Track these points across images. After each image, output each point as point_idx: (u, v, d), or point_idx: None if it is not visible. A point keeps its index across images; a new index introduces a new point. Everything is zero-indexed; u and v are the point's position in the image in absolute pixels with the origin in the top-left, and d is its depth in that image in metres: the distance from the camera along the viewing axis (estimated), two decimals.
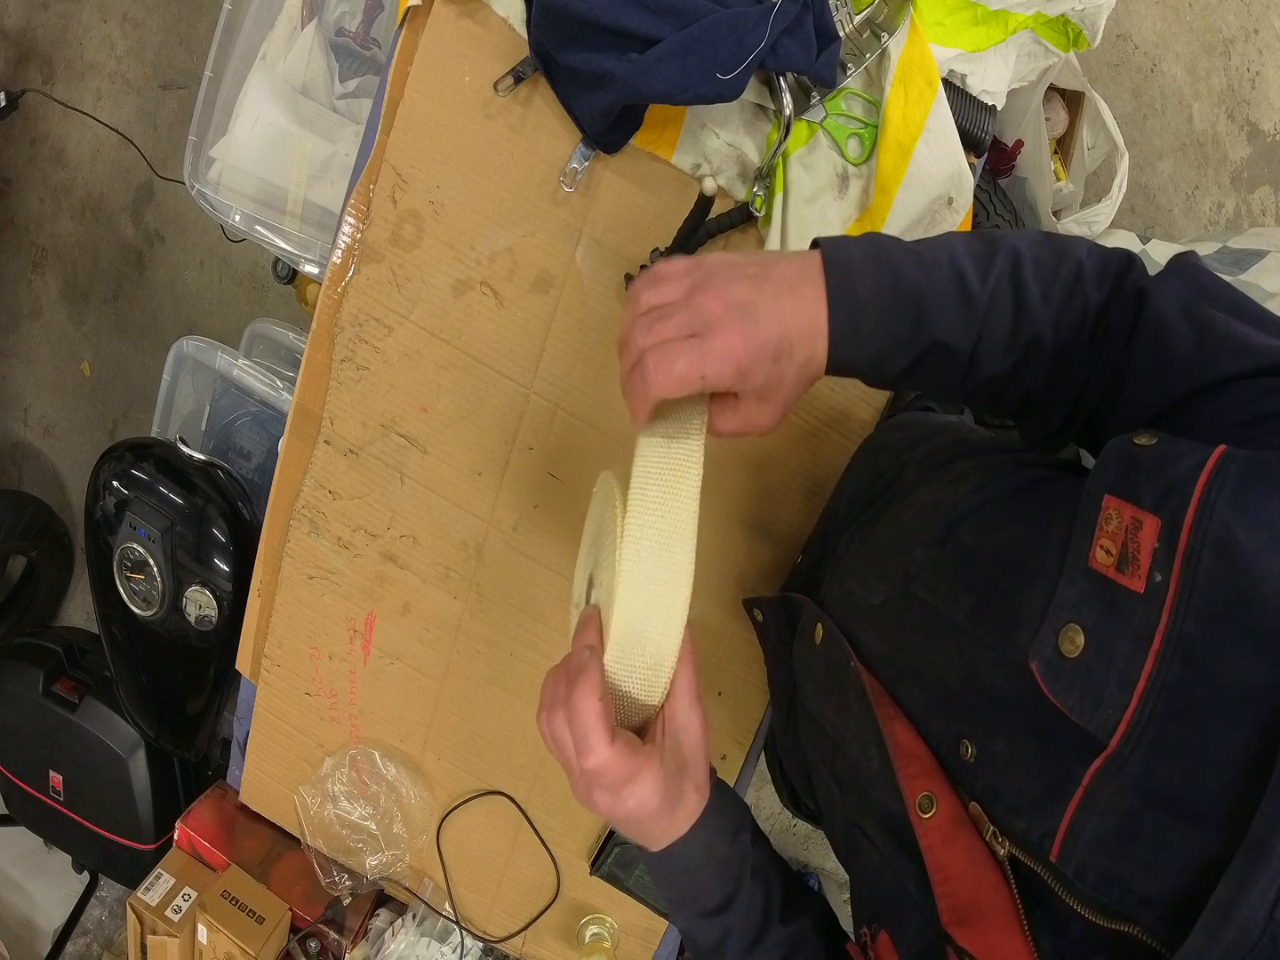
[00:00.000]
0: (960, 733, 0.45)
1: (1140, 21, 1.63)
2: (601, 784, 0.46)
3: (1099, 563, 0.37)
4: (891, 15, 0.73)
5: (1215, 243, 1.05)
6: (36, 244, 2.01)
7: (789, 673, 0.70)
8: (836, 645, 0.58)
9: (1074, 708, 0.36)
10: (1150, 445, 0.38)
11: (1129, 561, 0.36)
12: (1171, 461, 0.36)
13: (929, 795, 0.45)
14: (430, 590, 0.96)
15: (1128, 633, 0.35)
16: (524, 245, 0.82)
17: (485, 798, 1.05)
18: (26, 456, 2.15)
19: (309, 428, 0.92)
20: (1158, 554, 0.34)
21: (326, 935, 1.12)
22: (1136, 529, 0.36)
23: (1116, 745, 0.34)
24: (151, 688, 1.36)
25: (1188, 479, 0.35)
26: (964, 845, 0.42)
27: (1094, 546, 0.38)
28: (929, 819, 0.44)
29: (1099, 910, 0.35)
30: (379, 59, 1.21)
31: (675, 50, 0.66)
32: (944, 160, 0.75)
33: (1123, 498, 0.37)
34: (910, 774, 0.46)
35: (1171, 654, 0.33)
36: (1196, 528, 0.33)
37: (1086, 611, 0.37)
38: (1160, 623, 0.34)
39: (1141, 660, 0.34)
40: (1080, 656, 0.36)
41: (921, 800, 0.45)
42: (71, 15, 1.87)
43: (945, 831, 0.43)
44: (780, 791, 0.94)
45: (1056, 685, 0.37)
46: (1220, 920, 0.30)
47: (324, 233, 1.12)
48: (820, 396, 0.85)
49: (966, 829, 0.43)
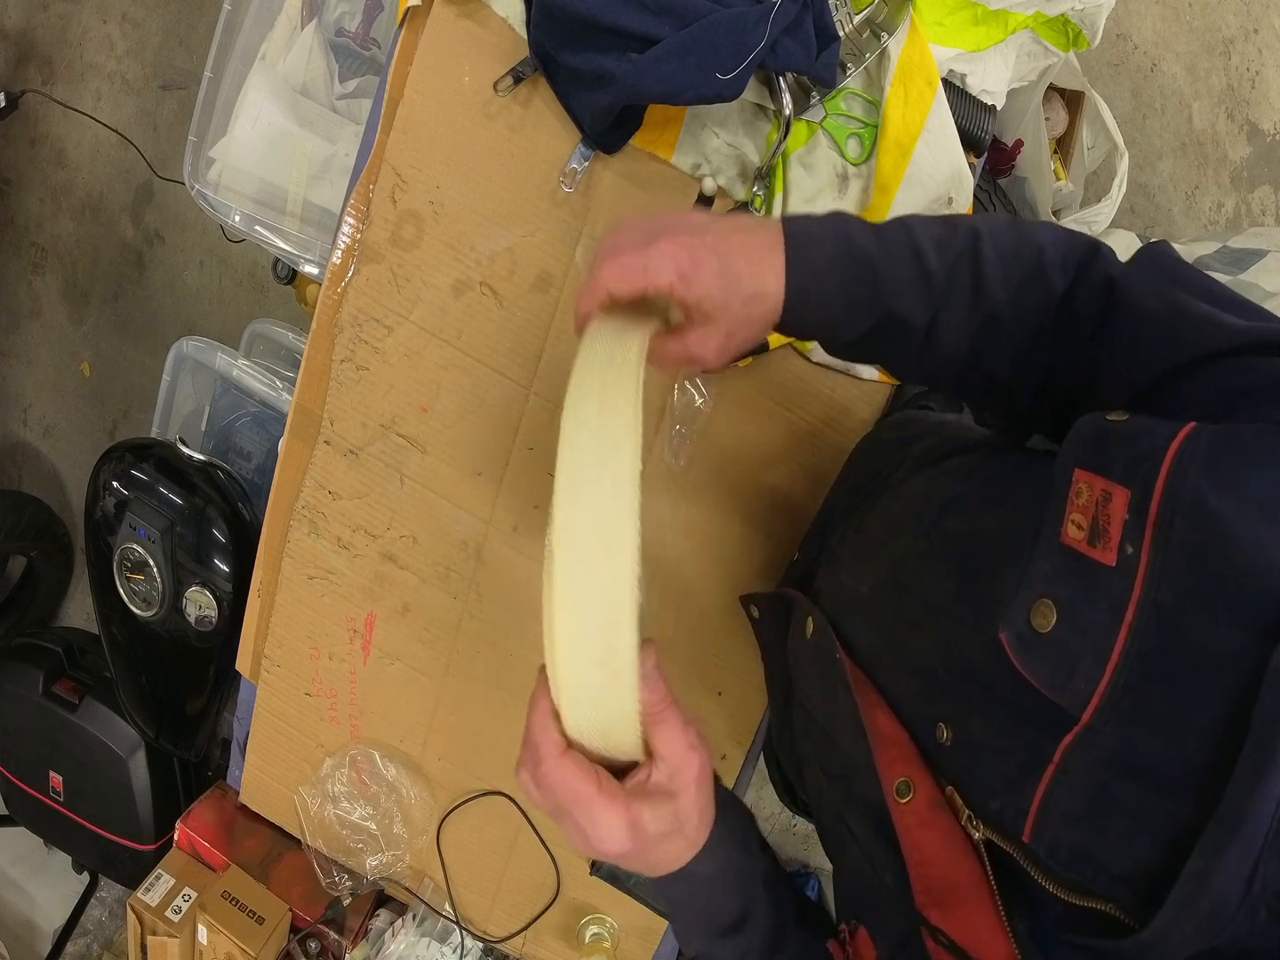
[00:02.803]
0: (938, 716, 0.45)
1: (1140, 21, 1.63)
2: (568, 808, 0.42)
3: (1070, 538, 0.37)
4: (891, 15, 0.73)
5: (1215, 242, 1.05)
6: (36, 244, 2.01)
7: (784, 668, 0.71)
8: (825, 637, 0.58)
9: (1045, 681, 0.36)
10: (1122, 421, 0.39)
11: (1100, 535, 0.36)
12: (1143, 435, 0.37)
13: (907, 780, 0.45)
14: (430, 590, 0.96)
15: (1101, 606, 0.35)
16: (524, 245, 0.82)
17: (485, 798, 1.05)
18: (26, 457, 2.15)
19: (309, 428, 0.92)
20: (1128, 525, 0.34)
21: (327, 935, 1.12)
22: (1107, 501, 0.36)
23: (1089, 718, 0.34)
24: (151, 688, 1.36)
25: (1159, 449, 0.35)
26: (941, 829, 0.42)
27: (1065, 521, 0.38)
28: (906, 803, 0.44)
29: (1072, 889, 0.35)
30: (379, 59, 1.21)
31: (675, 50, 0.66)
32: (944, 160, 0.75)
33: (1093, 470, 0.37)
34: (889, 759, 0.46)
35: (1145, 624, 0.33)
36: (1167, 495, 0.33)
37: (1059, 586, 0.37)
38: (1133, 594, 0.34)
39: (1115, 632, 0.34)
40: (1052, 630, 0.36)
41: (899, 785, 0.45)
42: (71, 16, 1.87)
43: (922, 816, 0.43)
44: (777, 787, 0.94)
45: (1028, 659, 0.37)
46: (1193, 891, 0.30)
47: (324, 233, 1.12)
48: (820, 395, 0.85)
49: (943, 813, 0.43)
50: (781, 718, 0.74)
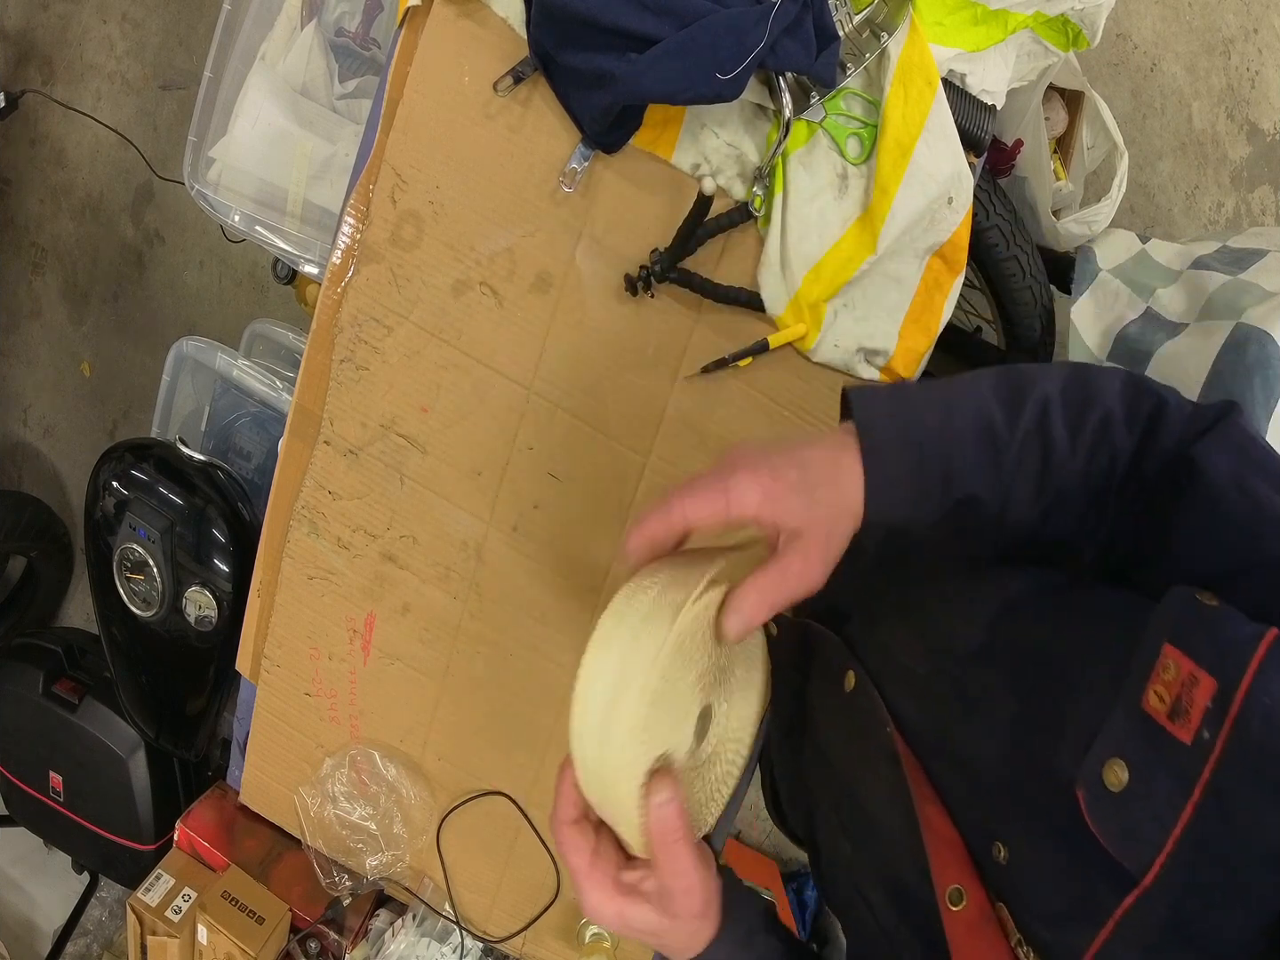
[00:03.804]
0: (994, 832, 0.44)
1: (1140, 21, 1.63)
2: (577, 877, 0.46)
3: (1152, 706, 0.37)
4: (891, 15, 0.73)
5: (1215, 242, 1.05)
6: (36, 244, 2.01)
7: (799, 700, 0.67)
8: (868, 700, 0.56)
9: (1113, 839, 0.37)
10: (1213, 606, 0.39)
11: (1181, 713, 0.36)
12: (1232, 625, 0.37)
13: (959, 889, 0.44)
14: (430, 590, 0.96)
15: (1171, 778, 0.35)
16: (523, 245, 0.82)
17: (485, 798, 1.05)
18: (26, 457, 2.15)
19: (309, 428, 0.92)
20: (1209, 713, 0.35)
21: (326, 935, 1.12)
22: (1193, 685, 0.36)
23: (1149, 883, 0.35)
24: (151, 688, 1.36)
25: (1246, 647, 0.35)
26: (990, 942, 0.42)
27: (1148, 690, 0.38)
28: (958, 912, 0.44)
29: None
30: (379, 59, 1.21)
31: (675, 50, 0.66)
32: (944, 160, 0.75)
33: (1182, 650, 0.38)
34: (943, 863, 0.46)
35: (1209, 806, 0.34)
36: (1250, 698, 0.34)
37: (1132, 749, 0.37)
38: (1202, 777, 0.34)
39: (1181, 805, 0.35)
40: (1123, 791, 0.37)
41: (952, 893, 0.44)
42: (71, 16, 1.87)
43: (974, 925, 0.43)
44: (766, 793, 0.92)
45: (1097, 814, 0.38)
46: None
47: (324, 233, 1.12)
48: (821, 395, 0.84)
49: (993, 927, 0.43)
50: (785, 741, 0.71)
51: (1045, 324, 1.14)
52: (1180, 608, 0.40)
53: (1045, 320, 1.14)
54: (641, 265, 0.81)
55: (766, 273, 0.79)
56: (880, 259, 0.77)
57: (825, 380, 0.84)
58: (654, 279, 0.79)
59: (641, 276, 0.80)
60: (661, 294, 0.82)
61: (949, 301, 0.81)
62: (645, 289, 0.80)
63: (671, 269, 0.79)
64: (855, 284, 0.79)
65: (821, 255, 0.78)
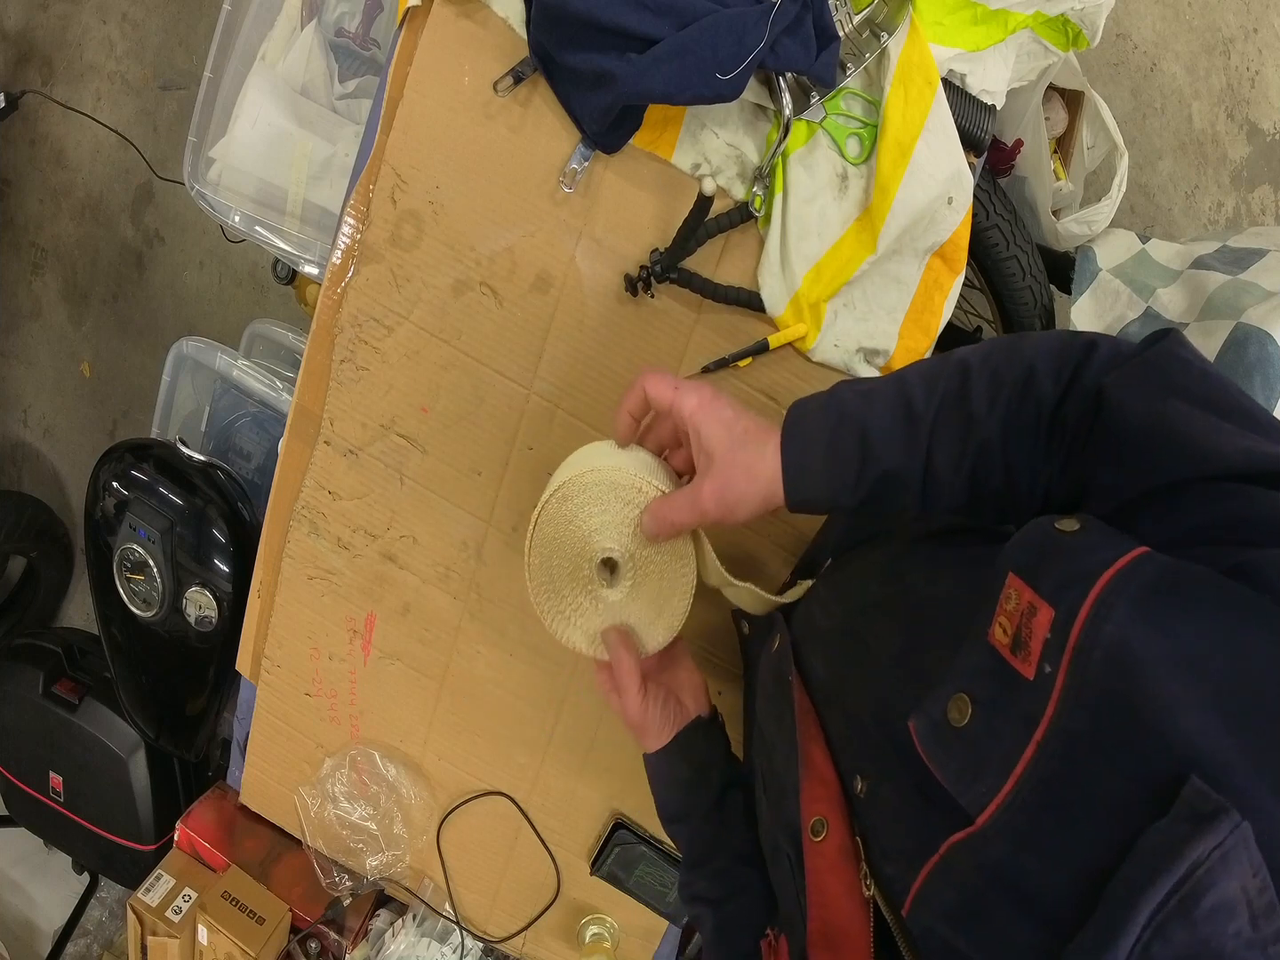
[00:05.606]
0: (858, 768, 0.45)
1: (1140, 21, 1.63)
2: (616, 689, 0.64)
3: (996, 639, 0.36)
4: (891, 15, 0.73)
5: (1215, 241, 1.05)
6: (36, 245, 2.01)
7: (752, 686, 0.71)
8: (784, 659, 0.58)
9: (950, 777, 0.36)
10: (1071, 532, 0.37)
11: (1022, 645, 0.35)
12: (1084, 552, 0.35)
13: (822, 820, 0.45)
14: (430, 590, 0.96)
15: (1015, 716, 0.34)
16: (523, 245, 0.82)
17: (485, 798, 1.05)
18: (26, 457, 2.15)
19: (309, 428, 0.92)
20: (1049, 644, 0.33)
21: (327, 936, 1.12)
22: (1032, 614, 0.35)
23: (982, 824, 0.34)
24: (151, 688, 1.36)
25: (1091, 574, 0.33)
26: (844, 878, 0.43)
27: (994, 622, 0.36)
28: (818, 843, 0.45)
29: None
30: (379, 59, 1.21)
31: (675, 50, 0.66)
32: (944, 160, 0.75)
33: (1024, 579, 0.36)
34: (813, 795, 0.47)
35: (1052, 748, 0.32)
36: (1089, 626, 0.32)
37: (978, 684, 0.36)
38: (1045, 714, 0.32)
39: (1023, 746, 0.33)
40: (966, 726, 0.36)
41: (815, 823, 0.45)
42: (71, 16, 1.87)
43: (831, 860, 0.44)
44: None
45: (935, 750, 0.37)
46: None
47: (324, 233, 1.12)
48: None
49: (847, 859, 0.43)
50: (749, 731, 0.74)
51: (1045, 324, 1.14)
52: (1031, 536, 0.39)
53: (1045, 320, 1.14)
54: (641, 265, 0.81)
55: (766, 273, 0.79)
56: (880, 259, 0.77)
57: (825, 380, 0.84)
58: (654, 279, 0.79)
59: (641, 276, 0.80)
60: (661, 294, 0.82)
61: (949, 301, 0.81)
62: (645, 289, 0.80)
63: (671, 269, 0.79)
64: (855, 284, 0.79)
65: (821, 255, 0.78)
